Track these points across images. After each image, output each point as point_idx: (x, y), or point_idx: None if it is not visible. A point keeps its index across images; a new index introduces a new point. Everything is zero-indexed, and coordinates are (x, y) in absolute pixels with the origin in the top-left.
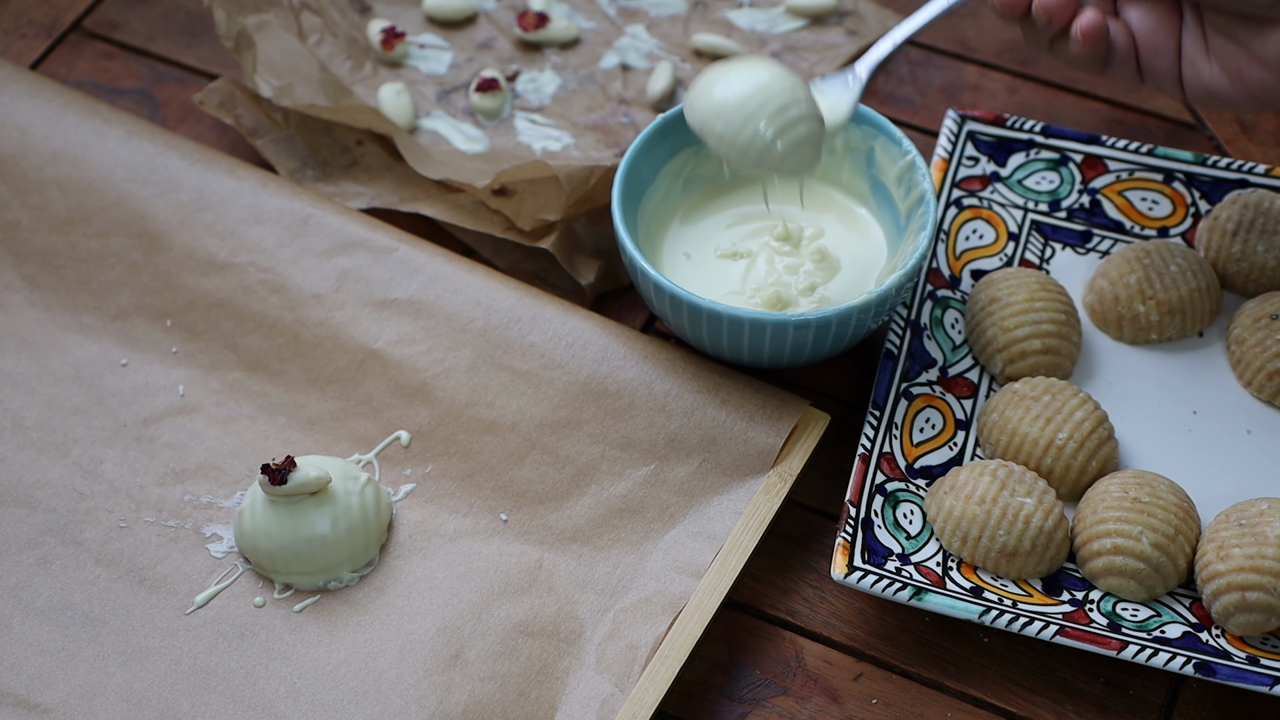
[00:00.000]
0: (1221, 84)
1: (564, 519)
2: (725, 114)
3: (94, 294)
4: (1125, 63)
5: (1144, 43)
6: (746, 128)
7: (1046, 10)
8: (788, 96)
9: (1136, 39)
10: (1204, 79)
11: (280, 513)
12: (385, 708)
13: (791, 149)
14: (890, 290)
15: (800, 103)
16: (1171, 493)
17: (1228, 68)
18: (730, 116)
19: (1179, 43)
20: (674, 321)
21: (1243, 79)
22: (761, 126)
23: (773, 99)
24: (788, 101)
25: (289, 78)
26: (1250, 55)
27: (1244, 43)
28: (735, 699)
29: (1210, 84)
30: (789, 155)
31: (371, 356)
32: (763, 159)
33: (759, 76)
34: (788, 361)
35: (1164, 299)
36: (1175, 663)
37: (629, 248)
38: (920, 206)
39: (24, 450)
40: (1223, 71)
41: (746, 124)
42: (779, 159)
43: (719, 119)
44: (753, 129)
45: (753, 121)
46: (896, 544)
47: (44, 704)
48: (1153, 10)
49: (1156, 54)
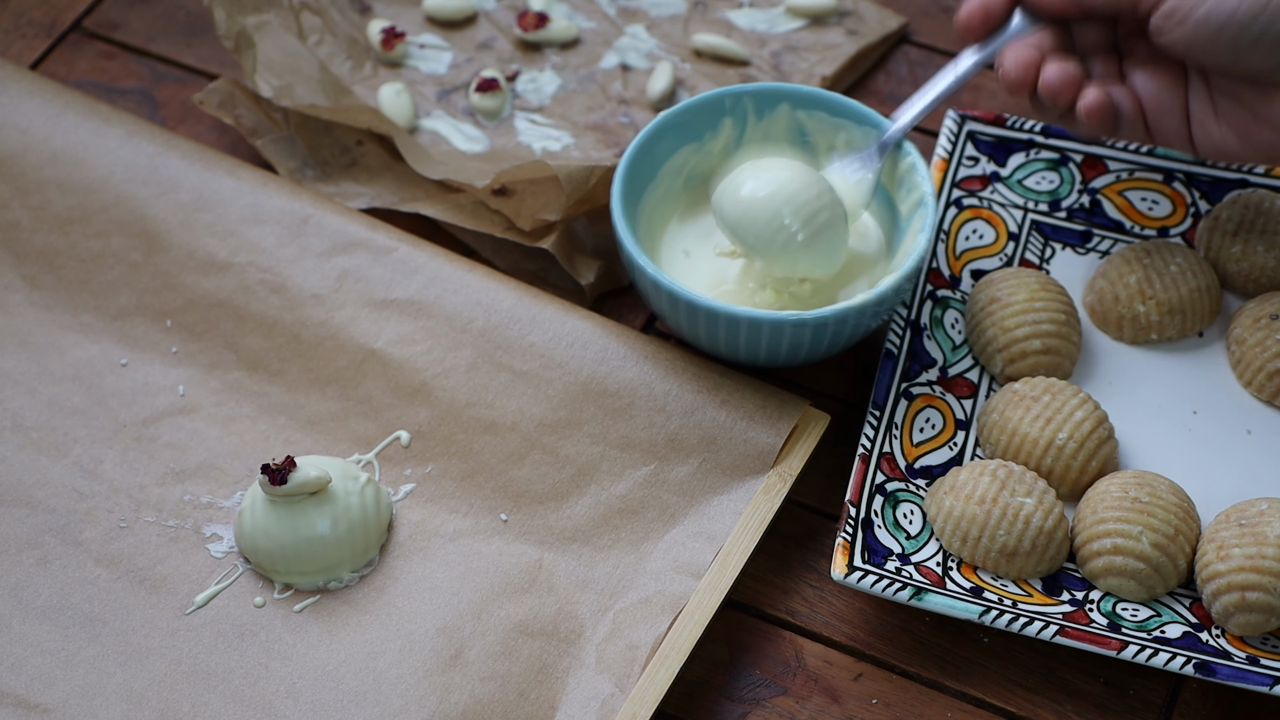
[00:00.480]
0: (1232, 143)
1: (564, 519)
2: (757, 222)
3: (94, 294)
4: (1134, 126)
5: (1151, 106)
6: (779, 237)
7: (1050, 92)
8: (815, 202)
9: (1143, 103)
10: (1214, 139)
11: (280, 513)
12: (385, 708)
13: (820, 255)
14: (888, 291)
15: (829, 206)
16: (1171, 493)
17: (1236, 129)
18: (761, 226)
19: (1185, 104)
20: (672, 319)
21: (1252, 139)
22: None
23: (801, 206)
24: (816, 209)
25: (289, 78)
26: (1258, 117)
27: (1251, 106)
28: (735, 699)
29: (1220, 143)
30: (817, 261)
31: (371, 356)
32: (794, 265)
33: (784, 179)
34: (784, 361)
35: (1164, 299)
36: (1175, 663)
37: (628, 245)
38: (920, 208)
39: (24, 450)
40: (1232, 132)
41: (778, 234)
42: (807, 265)
43: (751, 226)
44: (785, 238)
45: (783, 231)
46: (896, 544)
47: (44, 704)
48: (1158, 74)
49: (1164, 116)
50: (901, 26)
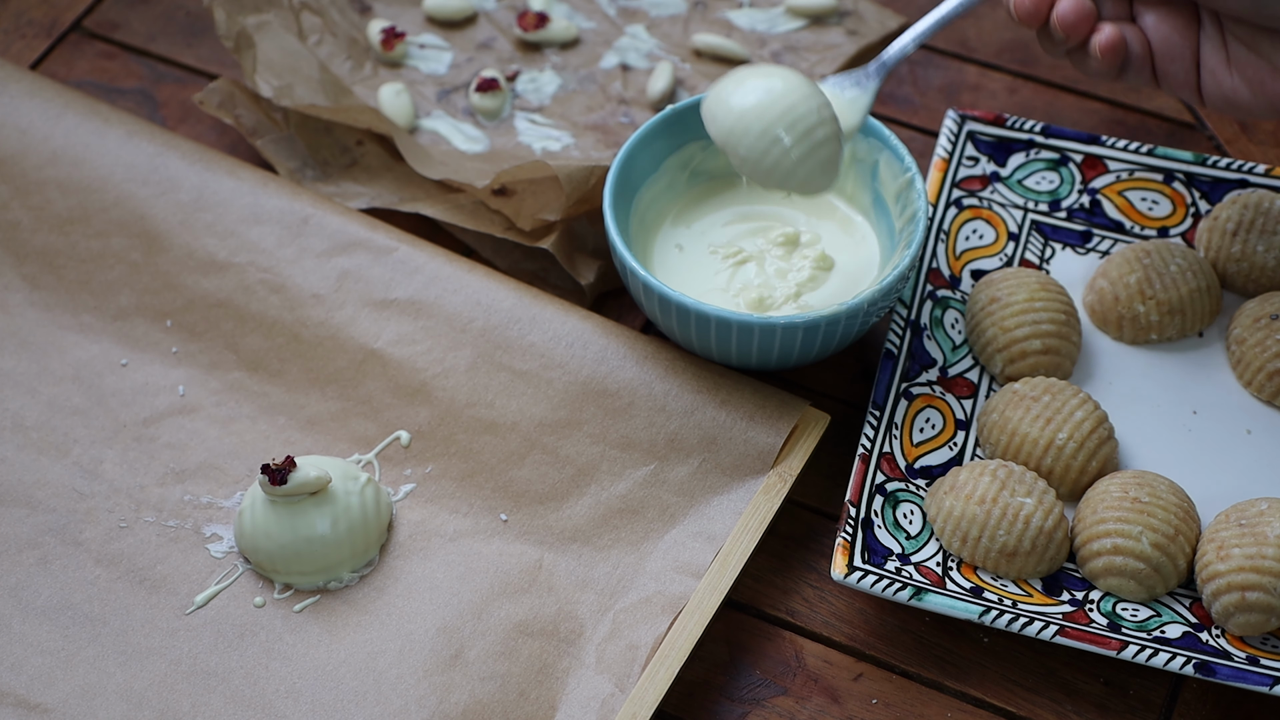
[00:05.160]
0: (1242, 94)
1: (564, 519)
2: (749, 135)
3: (94, 294)
4: (1141, 70)
5: (1160, 50)
6: (772, 151)
7: (1064, 25)
8: (812, 116)
9: (1153, 45)
10: (1224, 88)
11: (280, 513)
12: (385, 708)
13: (814, 172)
14: (862, 304)
15: (825, 122)
16: (1171, 493)
17: (1249, 78)
18: (754, 139)
19: (1196, 50)
20: (663, 322)
21: (1264, 90)
22: (787, 150)
23: (798, 119)
24: (813, 123)
25: (289, 78)
26: (1273, 67)
27: (1267, 55)
28: (735, 699)
29: (1230, 93)
30: (811, 178)
31: (371, 356)
32: (786, 181)
33: (778, 90)
34: (776, 364)
35: (1164, 299)
36: (1175, 663)
37: (618, 247)
38: (911, 225)
39: (24, 450)
40: (1244, 82)
41: (771, 147)
42: (801, 182)
43: (743, 138)
44: (778, 152)
45: (777, 145)
46: (896, 544)
47: (44, 704)
48: (1170, 17)
49: (1173, 61)
50: (901, 26)
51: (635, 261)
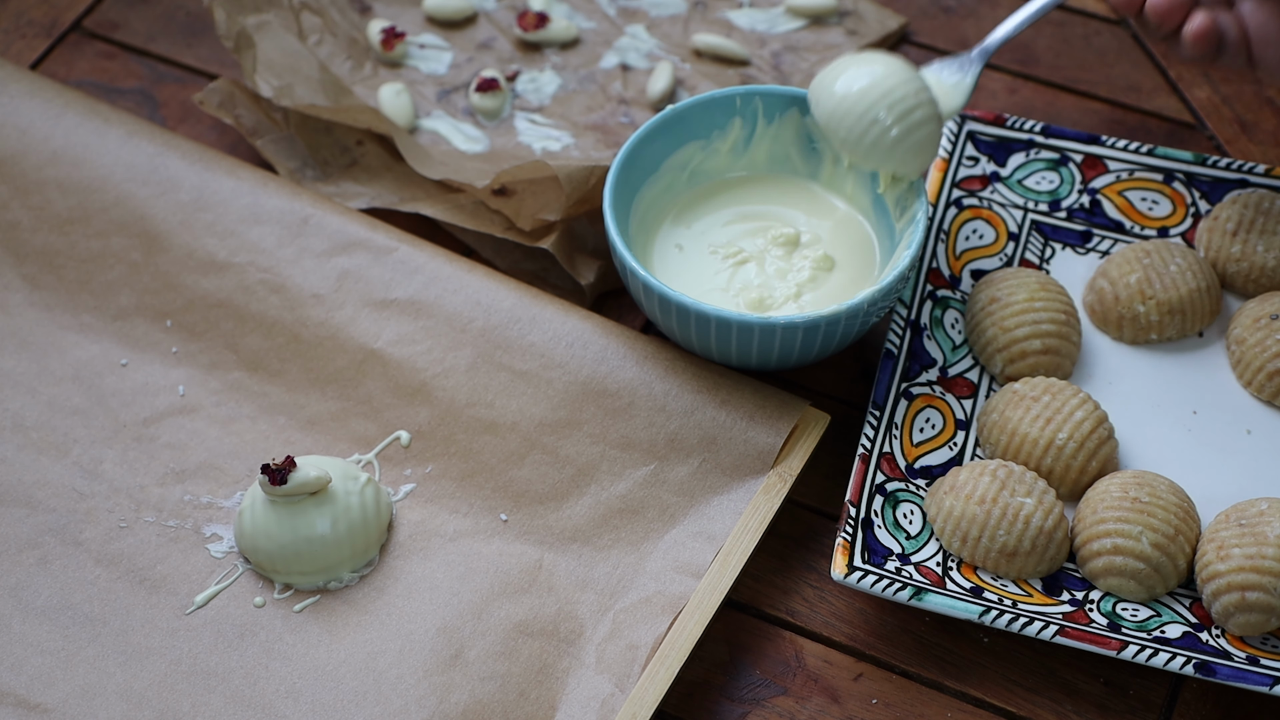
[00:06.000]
0: None
1: (564, 519)
2: (851, 115)
3: (94, 294)
4: (1237, 54)
5: (1257, 35)
6: (872, 130)
7: (1158, 13)
8: (911, 97)
9: (1249, 30)
10: None
11: (280, 513)
12: (385, 708)
13: (912, 151)
14: (862, 304)
15: (924, 104)
16: (1171, 493)
17: None
18: (855, 119)
19: None
20: (663, 322)
21: None
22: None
23: (897, 100)
24: (912, 104)
25: (289, 78)
26: None
27: None
28: (735, 699)
29: None
30: (909, 157)
31: (371, 356)
32: (885, 160)
33: (880, 73)
34: (776, 364)
35: (1164, 299)
36: (1175, 663)
37: (618, 247)
38: (911, 225)
39: (24, 450)
40: None
41: (872, 127)
42: (899, 161)
43: (845, 118)
44: (877, 131)
45: (877, 124)
46: (896, 544)
47: (44, 704)
48: (1267, 3)
49: (1270, 46)
50: (901, 26)
51: (635, 261)
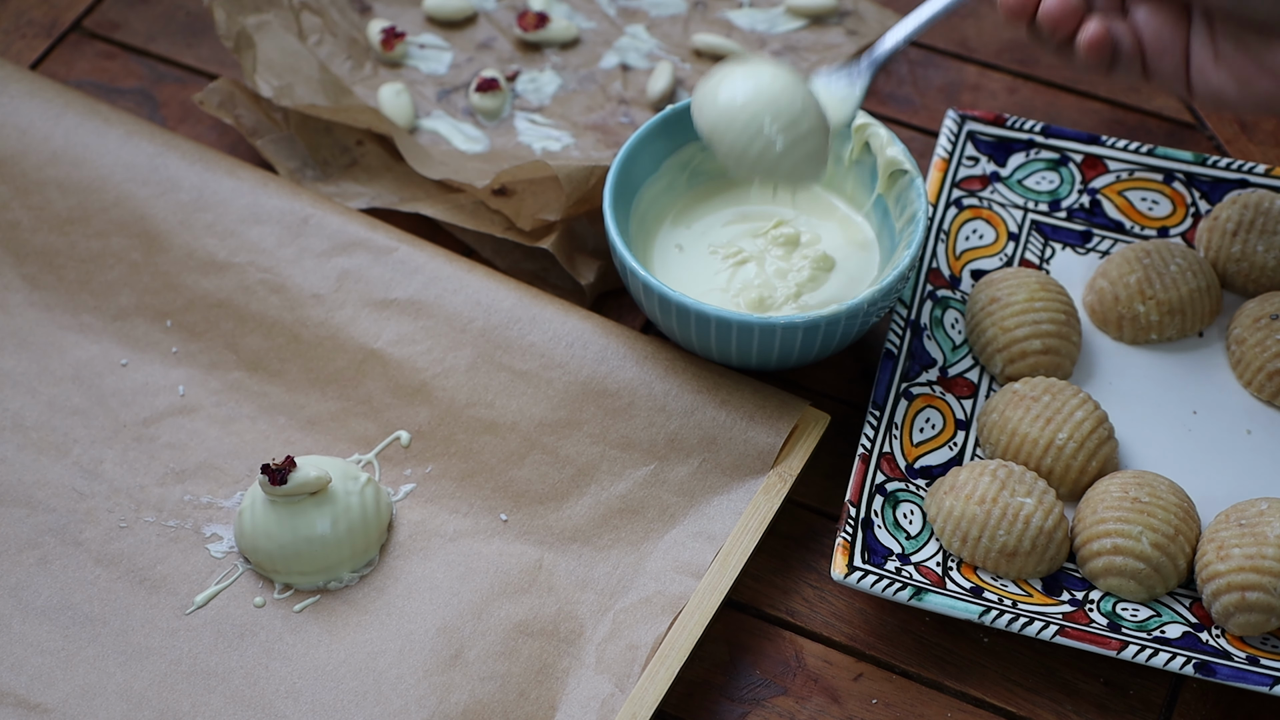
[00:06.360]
0: (1229, 90)
1: (564, 519)
2: (734, 127)
3: (94, 294)
4: (1131, 64)
5: (1151, 44)
6: (755, 142)
7: (1050, 22)
8: (797, 108)
9: (1144, 41)
10: (1211, 84)
11: (280, 513)
12: (385, 708)
13: (799, 164)
14: (862, 304)
15: (809, 114)
16: (1171, 493)
17: (1236, 75)
18: (738, 131)
19: (1187, 45)
20: (663, 322)
21: (1250, 87)
22: (770, 141)
23: (782, 111)
24: (797, 115)
25: (289, 78)
26: (1260, 65)
27: (1254, 52)
28: (735, 699)
29: (1218, 89)
30: (796, 170)
31: (371, 356)
32: (771, 174)
33: (765, 83)
34: (776, 364)
35: (1164, 299)
36: (1175, 663)
37: (618, 247)
38: (910, 225)
39: (24, 450)
40: (1231, 78)
41: (755, 139)
42: (786, 174)
43: (727, 130)
44: (761, 144)
45: (761, 137)
46: (896, 544)
47: (44, 704)
48: (1160, 12)
49: (1163, 56)
50: None
51: (635, 261)
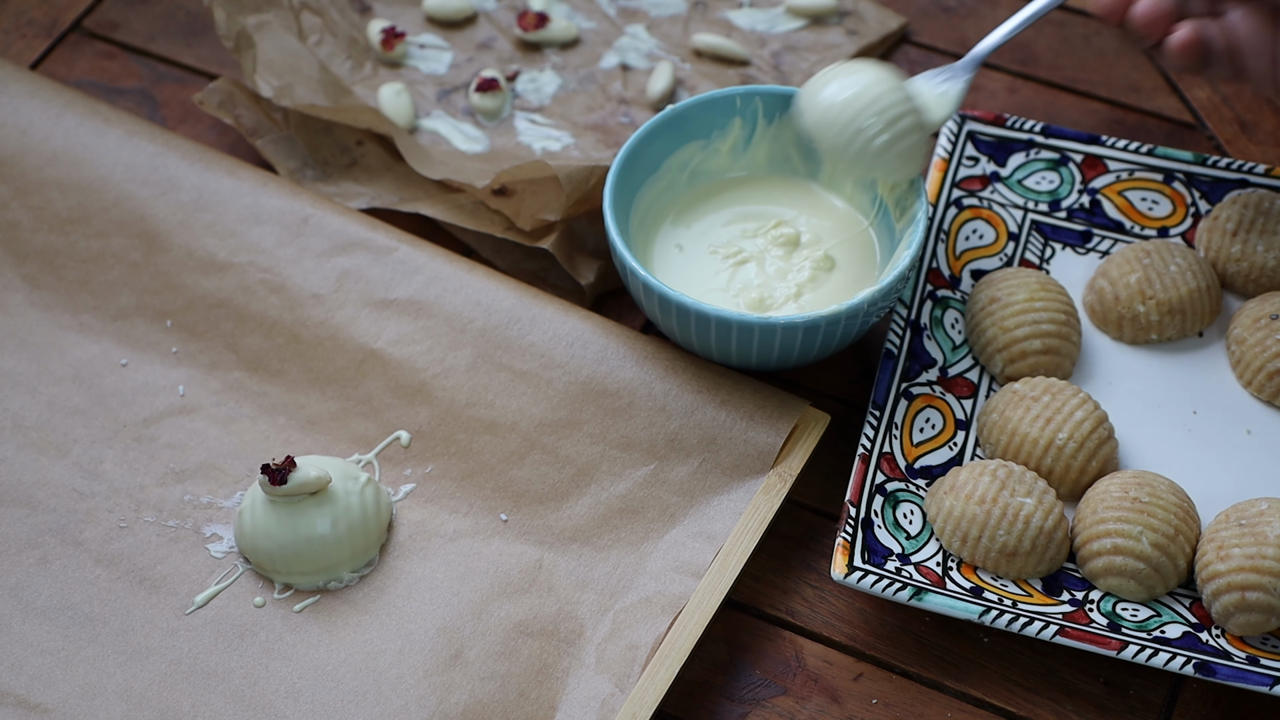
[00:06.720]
0: None
1: (564, 519)
2: (836, 124)
3: (94, 294)
4: (1224, 63)
5: (1245, 45)
6: (856, 140)
7: (1142, 23)
8: (896, 107)
9: (1237, 41)
10: None
11: (280, 513)
12: (385, 708)
13: (897, 160)
14: (862, 304)
15: (909, 113)
16: (1171, 493)
17: None
18: (840, 128)
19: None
20: (663, 322)
21: None
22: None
23: (882, 110)
24: (896, 113)
25: (289, 78)
26: None
27: None
28: (735, 699)
29: None
30: (894, 166)
31: (371, 356)
32: (870, 169)
33: (866, 83)
34: (776, 364)
35: (1164, 299)
36: (1175, 663)
37: (618, 247)
38: (910, 225)
39: (24, 450)
40: None
41: (856, 137)
42: (885, 170)
43: (830, 128)
44: (862, 141)
45: (862, 135)
46: (896, 544)
47: (44, 704)
48: (1255, 14)
49: (1256, 56)
50: (901, 26)
51: (635, 261)
